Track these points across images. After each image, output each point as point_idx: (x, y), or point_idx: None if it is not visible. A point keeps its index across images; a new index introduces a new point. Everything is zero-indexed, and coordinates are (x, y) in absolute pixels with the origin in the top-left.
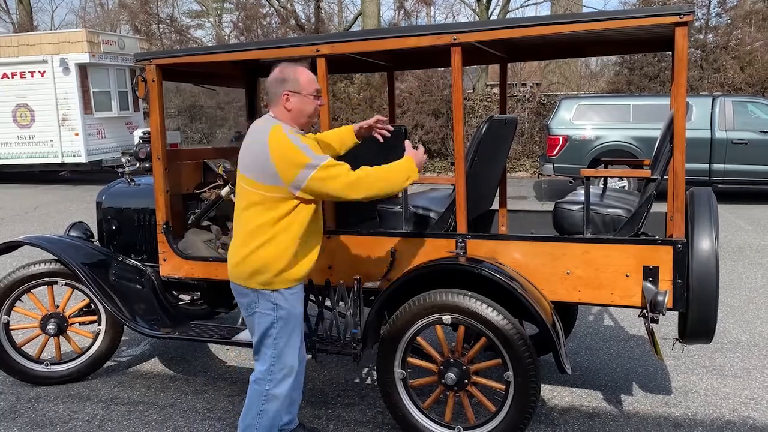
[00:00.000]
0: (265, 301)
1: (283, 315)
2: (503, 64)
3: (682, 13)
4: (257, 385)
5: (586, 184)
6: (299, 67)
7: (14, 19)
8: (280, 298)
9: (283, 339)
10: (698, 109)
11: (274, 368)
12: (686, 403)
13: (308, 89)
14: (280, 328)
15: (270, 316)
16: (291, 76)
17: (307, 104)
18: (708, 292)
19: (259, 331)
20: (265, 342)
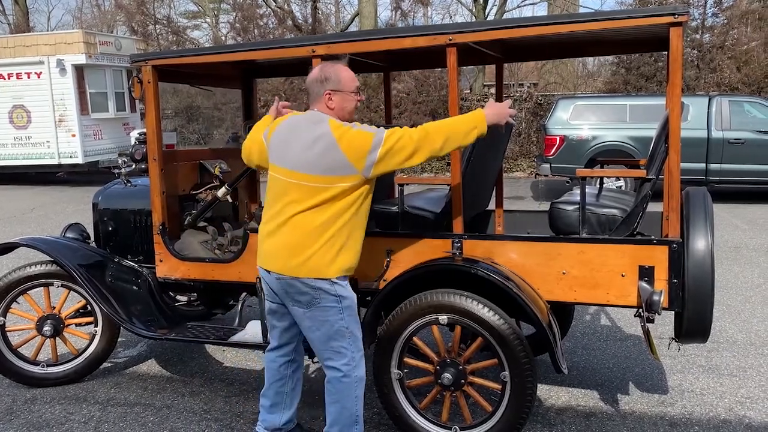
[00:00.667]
0: (327, 295)
1: (348, 303)
2: (499, 64)
3: (677, 13)
4: (346, 378)
5: (582, 184)
6: (338, 65)
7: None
8: (341, 290)
9: (353, 325)
10: (695, 108)
11: (355, 355)
12: (682, 403)
13: (349, 87)
14: (347, 316)
15: (335, 307)
16: (332, 75)
17: (348, 101)
18: (703, 292)
19: (328, 325)
20: (339, 335)
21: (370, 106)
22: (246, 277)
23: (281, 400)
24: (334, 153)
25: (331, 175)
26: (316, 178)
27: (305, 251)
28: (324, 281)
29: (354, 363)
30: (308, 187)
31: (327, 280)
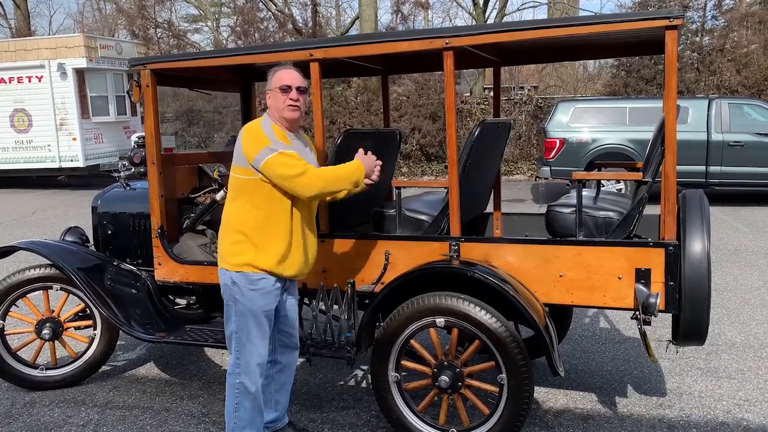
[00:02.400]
0: (228, 293)
1: (241, 309)
2: (497, 67)
3: (672, 17)
4: (230, 378)
5: (578, 186)
6: (279, 67)
7: (12, 24)
8: (237, 291)
9: (243, 333)
10: (694, 111)
11: (240, 361)
12: (680, 405)
13: (275, 84)
14: (238, 321)
15: (230, 307)
16: (269, 76)
17: (276, 99)
18: (700, 294)
19: (226, 322)
20: (229, 334)
21: (370, 109)
22: None
23: (266, 399)
24: (238, 143)
25: (234, 164)
26: (233, 168)
27: (223, 240)
28: (227, 276)
29: (239, 369)
30: (231, 178)
31: (229, 277)
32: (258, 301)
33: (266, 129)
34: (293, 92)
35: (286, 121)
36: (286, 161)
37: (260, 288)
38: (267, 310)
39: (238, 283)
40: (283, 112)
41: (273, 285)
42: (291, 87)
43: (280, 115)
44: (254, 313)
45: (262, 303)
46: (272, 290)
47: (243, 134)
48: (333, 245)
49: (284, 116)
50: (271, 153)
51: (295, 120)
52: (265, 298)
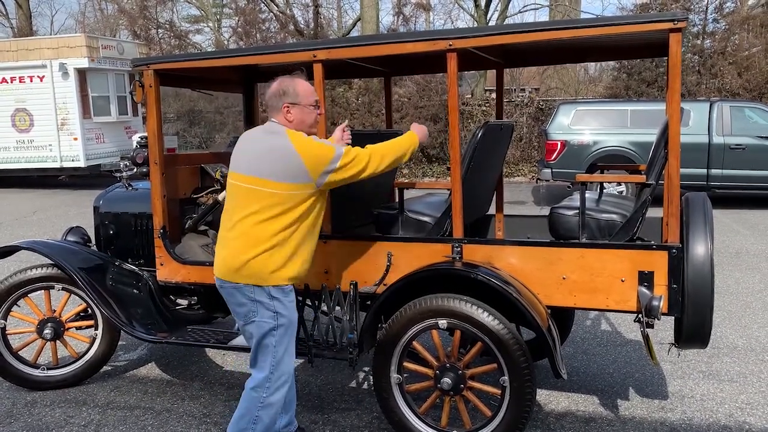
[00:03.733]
0: (264, 309)
1: (284, 322)
2: (499, 69)
3: (676, 19)
4: (255, 392)
5: (582, 189)
6: (297, 78)
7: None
8: (280, 306)
9: (282, 346)
10: (696, 114)
11: (272, 376)
12: (682, 408)
13: (308, 100)
14: (280, 335)
15: (269, 324)
16: (290, 88)
17: (307, 114)
18: (703, 297)
19: (258, 338)
20: (264, 350)
21: (372, 110)
22: None
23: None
24: (292, 159)
25: (283, 181)
26: (267, 183)
27: (247, 254)
28: (263, 292)
29: (269, 384)
30: (259, 192)
31: (266, 293)
32: (294, 313)
33: (315, 138)
34: (321, 107)
35: (306, 134)
36: (351, 157)
37: (292, 299)
38: (297, 319)
39: (278, 297)
40: (312, 128)
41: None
42: (318, 102)
43: (308, 130)
44: (293, 325)
45: (296, 314)
46: (294, 299)
47: (299, 149)
48: (336, 246)
49: (312, 130)
50: (338, 160)
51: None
52: (295, 308)
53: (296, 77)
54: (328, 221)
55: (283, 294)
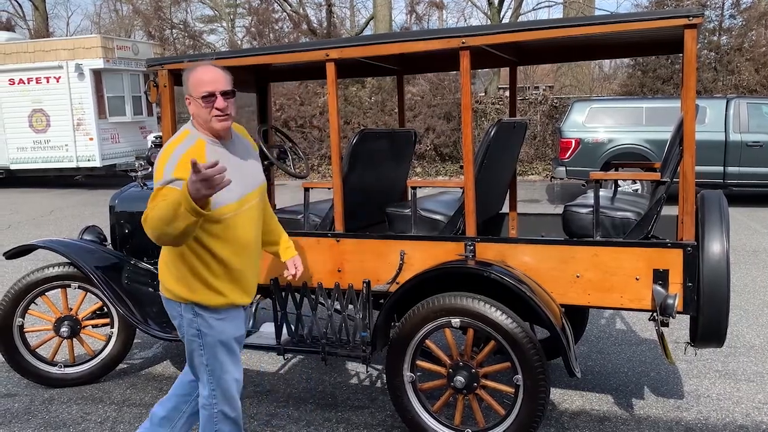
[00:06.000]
0: (188, 326)
1: (210, 342)
2: (513, 67)
3: (691, 15)
4: (205, 410)
5: (596, 187)
6: (197, 66)
7: (30, 26)
8: (203, 324)
9: (217, 364)
10: (712, 111)
11: (216, 393)
12: (698, 408)
13: (196, 91)
14: (210, 354)
15: (195, 341)
16: (187, 78)
17: (199, 109)
18: (719, 296)
19: (189, 354)
20: (199, 368)
21: (385, 109)
22: (260, 279)
23: (175, 416)
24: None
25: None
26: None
27: (167, 270)
28: (188, 308)
29: (215, 400)
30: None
31: (190, 309)
32: (225, 332)
33: (177, 151)
34: (219, 100)
35: (214, 132)
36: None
37: (224, 316)
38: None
39: (201, 314)
40: (211, 124)
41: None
42: (215, 94)
43: (209, 126)
44: (227, 344)
45: (230, 333)
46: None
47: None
48: (348, 245)
49: (213, 127)
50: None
51: (227, 129)
52: (234, 326)
53: (199, 64)
54: (340, 220)
55: (210, 312)
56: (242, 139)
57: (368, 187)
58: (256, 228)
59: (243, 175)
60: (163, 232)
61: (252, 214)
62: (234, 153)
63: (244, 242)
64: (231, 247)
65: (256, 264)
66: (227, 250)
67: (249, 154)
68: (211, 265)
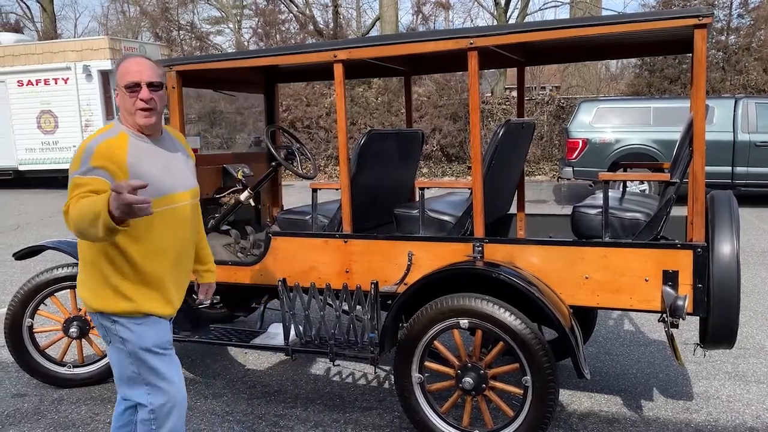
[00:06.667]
0: (111, 334)
1: (132, 349)
2: (521, 67)
3: (701, 15)
4: (143, 425)
5: (605, 187)
6: (126, 58)
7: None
8: (123, 331)
9: (147, 373)
10: (720, 111)
11: (154, 407)
12: (708, 409)
13: (122, 81)
14: (136, 364)
15: (119, 349)
16: (116, 69)
17: (124, 100)
18: (729, 297)
19: (118, 373)
20: (130, 381)
21: (391, 110)
22: (268, 280)
23: None
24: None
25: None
26: None
27: (78, 277)
28: (105, 317)
29: (153, 416)
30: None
31: (108, 317)
32: (147, 338)
33: (92, 143)
34: (143, 91)
35: (139, 126)
36: (72, 189)
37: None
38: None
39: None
40: (135, 118)
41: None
42: (140, 84)
43: (131, 118)
44: (152, 352)
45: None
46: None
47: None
48: (356, 246)
49: (137, 122)
50: (72, 176)
51: (153, 125)
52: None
53: (130, 56)
54: (348, 221)
55: (126, 317)
56: (177, 143)
57: (376, 187)
58: (177, 233)
59: (167, 174)
60: (83, 232)
61: (173, 217)
62: (161, 150)
63: (159, 245)
64: (143, 247)
65: (180, 274)
66: (139, 249)
67: (179, 157)
68: (122, 268)
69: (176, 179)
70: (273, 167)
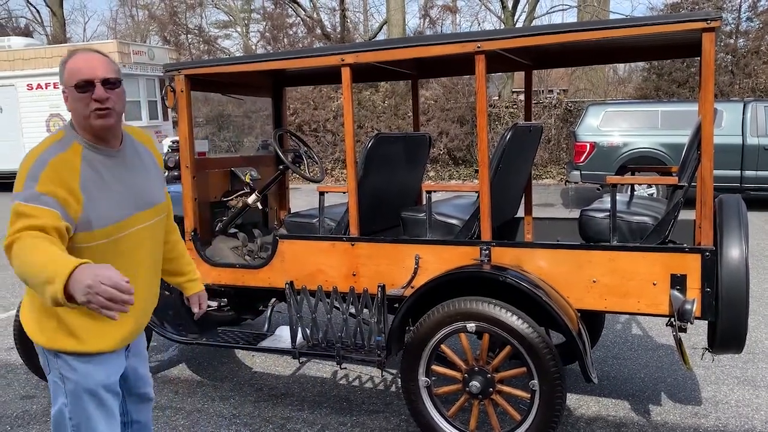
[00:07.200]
0: (51, 368)
1: (72, 389)
2: (528, 71)
3: (710, 18)
4: None
5: (612, 191)
6: (73, 54)
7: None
8: (65, 368)
9: (82, 420)
10: (729, 114)
11: None
12: (716, 414)
13: (71, 81)
14: (73, 405)
15: (58, 386)
16: (62, 69)
17: (75, 103)
18: (738, 301)
19: (54, 412)
20: (62, 424)
21: (398, 113)
22: (275, 283)
23: None
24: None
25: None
26: None
27: (25, 299)
28: (44, 348)
29: None
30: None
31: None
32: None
33: (39, 161)
34: (98, 89)
35: (94, 130)
36: (14, 220)
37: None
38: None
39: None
40: (90, 122)
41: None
42: (93, 82)
43: (85, 122)
44: (98, 396)
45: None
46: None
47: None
48: (363, 249)
49: (92, 126)
50: (13, 202)
51: (111, 128)
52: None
53: (78, 52)
54: (355, 224)
55: (74, 356)
56: (140, 146)
57: (383, 191)
58: (143, 256)
59: (128, 192)
60: (26, 282)
61: (138, 240)
62: (121, 164)
63: (123, 271)
64: None
65: (145, 300)
66: None
67: (144, 166)
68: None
69: (140, 197)
70: (281, 170)
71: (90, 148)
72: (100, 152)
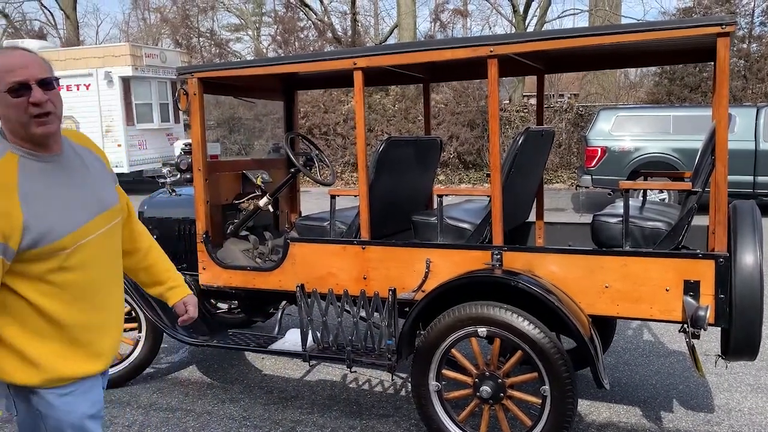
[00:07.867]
0: (25, 410)
1: (54, 426)
2: (540, 75)
3: (724, 23)
4: None
5: (625, 196)
6: (6, 52)
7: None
8: (41, 402)
9: None
10: (742, 120)
11: None
12: (729, 422)
13: (2, 84)
14: None
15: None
16: None
17: (8, 109)
18: (752, 308)
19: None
20: None
21: (408, 117)
22: (286, 286)
23: None
24: None
25: None
26: None
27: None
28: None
29: None
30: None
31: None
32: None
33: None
34: (35, 92)
35: (32, 138)
36: None
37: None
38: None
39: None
40: (30, 130)
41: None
42: (28, 84)
43: (23, 132)
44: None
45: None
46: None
47: None
48: (374, 252)
49: (32, 133)
50: None
51: (53, 134)
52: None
53: (6, 50)
54: (366, 227)
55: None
56: (80, 149)
57: (394, 194)
58: (104, 264)
59: (74, 201)
60: None
61: (90, 251)
62: (64, 170)
63: (84, 285)
64: (65, 294)
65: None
66: (58, 300)
67: (88, 169)
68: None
69: (87, 205)
70: (292, 173)
71: (27, 157)
72: (40, 159)
